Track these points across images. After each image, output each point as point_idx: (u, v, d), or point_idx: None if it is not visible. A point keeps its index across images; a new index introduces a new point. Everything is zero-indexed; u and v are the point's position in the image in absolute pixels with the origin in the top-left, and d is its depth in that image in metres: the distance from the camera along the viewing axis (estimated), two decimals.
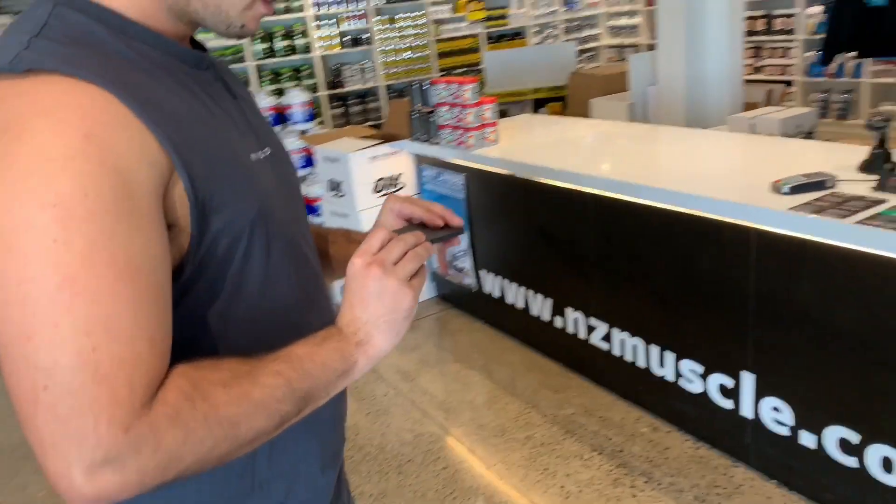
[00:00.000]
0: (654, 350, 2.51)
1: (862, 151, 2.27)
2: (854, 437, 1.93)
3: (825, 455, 2.01)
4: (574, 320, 2.85)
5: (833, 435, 1.98)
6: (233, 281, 0.74)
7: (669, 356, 2.45)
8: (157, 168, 0.64)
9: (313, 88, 6.96)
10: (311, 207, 4.14)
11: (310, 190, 4.57)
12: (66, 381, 0.57)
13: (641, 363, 2.57)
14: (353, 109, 7.36)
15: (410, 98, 3.49)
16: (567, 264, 2.84)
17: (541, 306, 3.03)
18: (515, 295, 3.17)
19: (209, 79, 0.79)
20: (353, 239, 1.00)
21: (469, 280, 3.46)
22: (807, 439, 2.06)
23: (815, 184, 2.01)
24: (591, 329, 2.77)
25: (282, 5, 6.86)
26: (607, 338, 2.71)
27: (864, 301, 1.83)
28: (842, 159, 2.23)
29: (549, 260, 2.93)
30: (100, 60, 0.65)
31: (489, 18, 7.93)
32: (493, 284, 3.32)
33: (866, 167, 2.11)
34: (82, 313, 0.58)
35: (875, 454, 1.89)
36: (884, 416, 1.85)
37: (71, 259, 0.57)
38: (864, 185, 1.99)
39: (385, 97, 7.51)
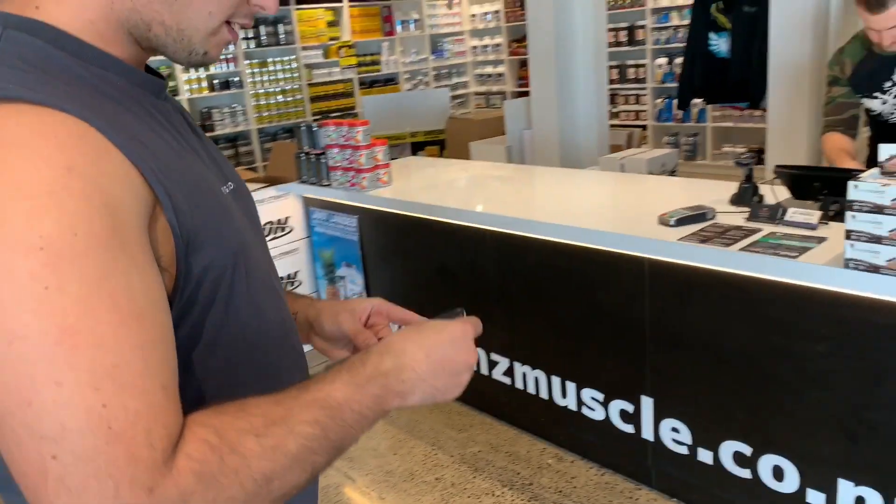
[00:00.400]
0: (556, 381, 2.58)
1: (725, 186, 2.50)
2: (747, 450, 2.07)
3: (722, 469, 2.14)
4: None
5: (728, 449, 2.12)
6: (215, 321, 0.69)
7: (571, 386, 2.53)
8: (142, 200, 0.59)
9: None
10: None
11: None
12: (76, 446, 0.50)
13: (544, 395, 2.63)
14: (224, 154, 7.11)
15: (297, 140, 3.44)
16: (467, 301, 2.87)
17: None
18: None
19: (170, 109, 0.74)
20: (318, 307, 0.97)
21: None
22: (704, 456, 2.18)
23: (697, 216, 2.18)
24: (493, 364, 2.81)
25: None
26: (509, 372, 2.75)
27: (750, 321, 1.99)
28: (711, 194, 2.44)
29: (449, 298, 2.95)
30: (65, 87, 0.59)
31: (361, 64, 8.03)
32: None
33: (737, 200, 2.32)
34: (87, 366, 0.51)
35: (767, 464, 2.04)
36: (773, 427, 2.01)
37: (67, 306, 0.51)
38: (738, 216, 2.19)
39: (257, 141, 7.35)
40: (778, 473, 2.02)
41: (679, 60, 6.94)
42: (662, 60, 7.08)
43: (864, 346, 1.78)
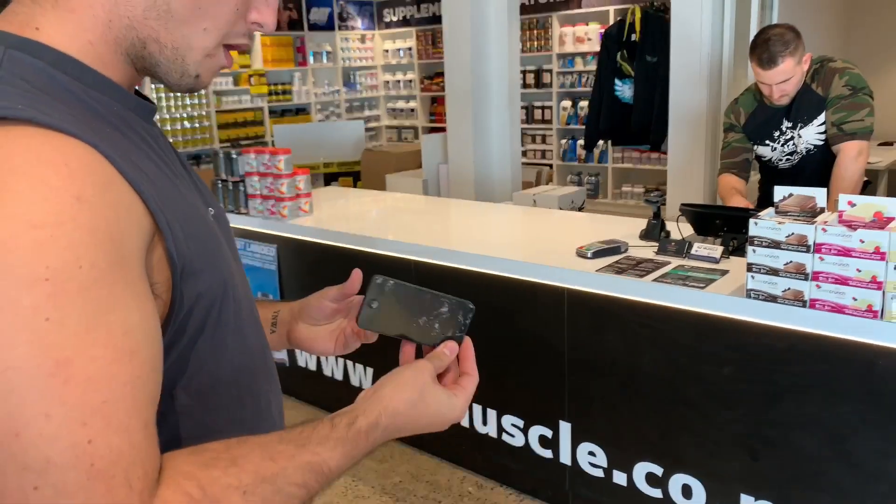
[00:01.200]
0: (477, 408, 2.64)
1: (633, 222, 2.67)
2: (658, 470, 2.19)
3: (635, 490, 2.25)
4: None
5: (641, 471, 2.23)
6: (204, 347, 0.68)
7: (492, 413, 2.60)
8: (143, 230, 0.59)
9: None
10: None
11: None
12: (58, 480, 0.50)
13: (465, 422, 2.68)
14: None
15: (214, 167, 3.38)
16: None
17: (361, 376, 3.03)
18: (333, 367, 3.14)
19: (157, 134, 0.73)
20: (297, 314, 0.96)
21: (280, 355, 3.35)
22: (619, 478, 2.29)
23: (611, 249, 2.31)
24: None
25: None
26: None
27: (661, 347, 2.12)
28: (621, 228, 2.60)
29: None
30: (69, 110, 0.58)
31: (272, 93, 7.96)
32: (306, 357, 3.26)
33: (646, 235, 2.48)
34: (77, 401, 0.51)
35: (676, 483, 2.16)
36: (682, 448, 2.14)
37: (64, 340, 0.51)
38: (648, 250, 2.34)
39: None
40: (686, 492, 2.14)
41: (582, 104, 7.33)
42: (567, 103, 7.44)
43: (764, 369, 1.94)
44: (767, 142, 2.68)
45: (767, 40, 2.39)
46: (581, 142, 7.41)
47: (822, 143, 2.58)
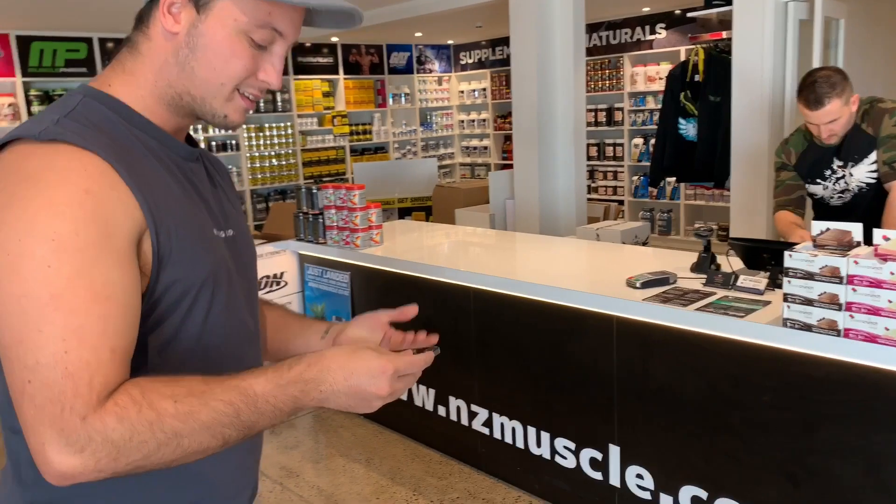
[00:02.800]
0: (532, 431, 2.77)
1: (689, 256, 2.77)
2: (703, 494, 2.27)
3: None
4: (457, 408, 3.06)
5: (687, 494, 2.31)
6: (172, 326, 0.87)
7: (545, 436, 2.72)
8: (135, 222, 0.81)
9: None
10: None
11: None
12: (43, 376, 0.72)
13: (520, 444, 2.82)
14: None
15: (297, 200, 3.69)
16: (451, 354, 3.08)
17: (424, 397, 3.22)
18: None
19: (195, 168, 0.96)
20: (331, 335, 1.14)
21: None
22: (665, 501, 2.37)
23: (660, 280, 2.43)
24: (472, 415, 3.00)
25: None
26: (488, 423, 2.94)
27: (704, 374, 2.22)
28: (676, 262, 2.70)
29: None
30: (107, 139, 0.83)
31: (353, 133, 8.40)
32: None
33: (696, 268, 2.59)
34: (61, 323, 0.73)
35: None
36: (726, 473, 2.21)
37: (59, 281, 0.74)
38: (697, 282, 2.44)
39: (250, 201, 7.61)
40: None
41: (654, 141, 7.39)
42: (639, 140, 7.52)
43: (802, 397, 2.01)
44: (819, 180, 2.75)
45: (814, 82, 2.48)
46: None
47: (874, 181, 2.63)
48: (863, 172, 2.65)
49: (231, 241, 0.98)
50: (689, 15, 4.30)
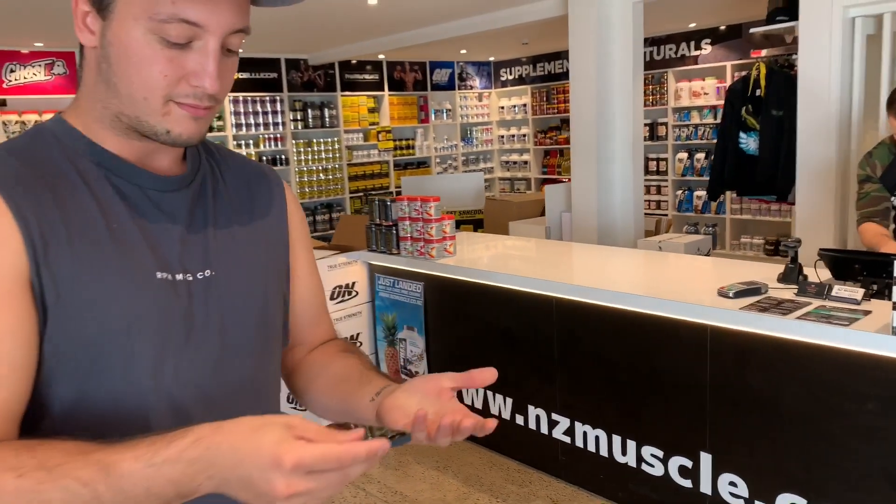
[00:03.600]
0: (617, 439, 2.80)
1: (769, 267, 2.81)
2: (802, 501, 2.29)
3: None
4: (536, 417, 3.11)
5: (784, 501, 2.33)
6: (74, 383, 0.76)
7: (631, 444, 2.76)
8: (19, 259, 0.72)
9: None
10: None
11: None
12: None
13: (604, 452, 2.85)
14: None
15: (370, 212, 3.78)
16: (530, 363, 3.13)
17: (500, 405, 3.27)
18: (473, 396, 3.39)
19: (171, 198, 0.83)
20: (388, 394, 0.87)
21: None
22: None
23: (752, 290, 2.47)
24: (553, 424, 3.04)
25: None
26: (570, 431, 2.98)
27: (804, 383, 2.25)
28: (758, 273, 2.73)
29: (511, 360, 3.21)
30: (23, 172, 0.75)
31: (397, 147, 8.53)
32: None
33: (784, 278, 2.62)
34: None
35: None
36: (825, 480, 2.23)
37: None
38: (788, 292, 2.48)
39: None
40: None
41: (699, 156, 7.43)
42: (683, 155, 7.55)
43: None
44: None
45: None
46: (697, 192, 7.49)
47: None
48: None
49: (199, 285, 0.82)
50: (752, 30, 4.35)
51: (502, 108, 9.54)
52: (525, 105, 9.20)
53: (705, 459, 2.53)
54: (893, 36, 3.73)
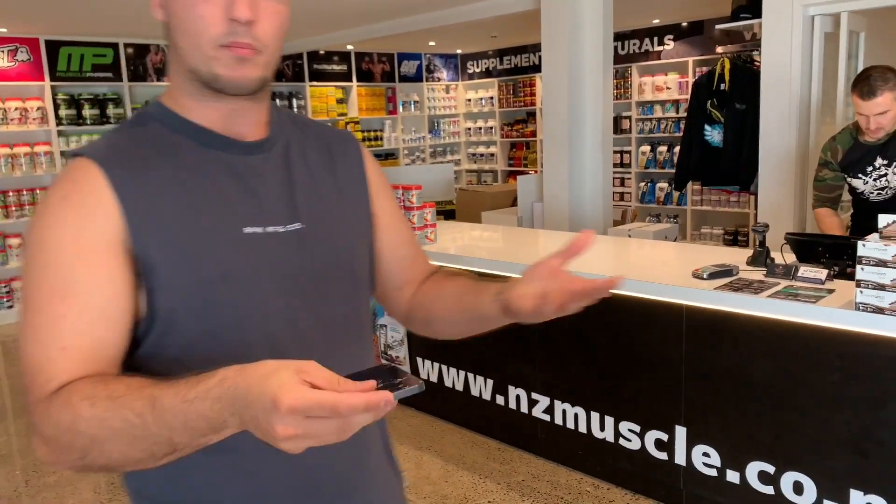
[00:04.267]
0: (595, 416, 2.93)
1: (736, 252, 2.96)
2: (771, 469, 2.44)
3: (748, 487, 2.50)
4: (516, 396, 3.22)
5: (754, 469, 2.48)
6: (172, 326, 0.84)
7: (609, 420, 2.89)
8: (115, 232, 0.82)
9: None
10: None
11: None
12: (25, 363, 0.80)
13: (583, 429, 2.98)
14: None
15: None
16: (510, 346, 3.24)
17: (481, 387, 3.37)
18: (454, 379, 3.49)
19: (253, 161, 0.91)
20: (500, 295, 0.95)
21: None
22: (732, 476, 2.54)
23: (725, 271, 2.61)
24: (533, 403, 3.15)
25: None
26: (549, 410, 3.10)
27: (773, 357, 2.40)
28: (727, 257, 2.88)
29: (491, 342, 3.31)
30: (121, 148, 0.87)
31: (365, 139, 8.55)
32: (428, 371, 3.62)
33: (753, 261, 2.77)
34: (28, 322, 0.80)
35: (788, 480, 2.40)
36: (793, 448, 2.39)
37: (29, 282, 0.81)
38: (758, 274, 2.63)
39: None
40: (798, 488, 2.39)
41: (661, 148, 7.64)
42: (646, 148, 7.76)
43: (871, 375, 2.20)
44: (860, 175, 2.97)
45: (868, 76, 2.74)
46: (660, 184, 7.71)
47: None
48: None
49: (289, 237, 0.90)
50: (718, 27, 4.52)
51: (469, 100, 9.64)
52: (492, 98, 9.31)
53: (680, 432, 2.67)
54: (849, 34, 3.94)
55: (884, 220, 2.16)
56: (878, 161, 2.93)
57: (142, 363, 0.84)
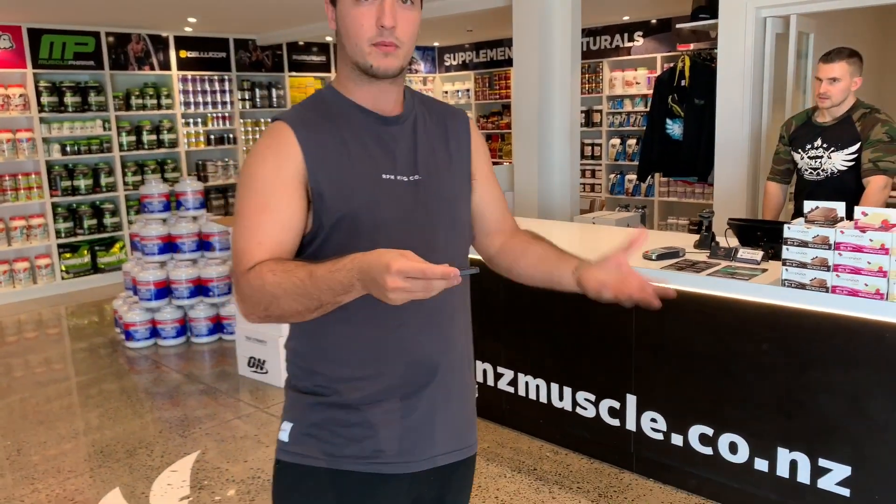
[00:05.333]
0: (555, 387, 3.17)
1: (687, 237, 3.21)
2: (709, 431, 2.70)
3: (690, 449, 2.75)
4: (483, 371, 3.45)
5: (695, 432, 2.74)
6: (333, 244, 1.20)
7: (567, 390, 3.13)
8: (299, 167, 1.18)
9: (176, 181, 7.15)
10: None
11: (220, 268, 4.83)
12: (234, 251, 1.18)
13: (543, 399, 3.22)
14: (215, 203, 7.60)
15: None
16: (478, 325, 3.45)
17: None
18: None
19: (392, 129, 1.25)
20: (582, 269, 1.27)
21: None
22: (676, 440, 2.80)
23: (672, 253, 2.86)
24: (498, 376, 3.38)
25: (153, 101, 7.10)
26: (513, 382, 3.33)
27: (712, 330, 2.65)
28: (678, 241, 3.13)
29: None
30: (308, 114, 1.22)
31: None
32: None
33: (699, 244, 3.02)
34: (240, 223, 1.17)
35: (724, 441, 2.66)
36: (729, 411, 2.65)
37: (243, 199, 1.18)
38: (702, 255, 2.88)
39: None
40: (733, 448, 2.64)
41: (630, 141, 7.91)
42: (616, 141, 8.02)
43: (795, 344, 2.45)
44: (799, 150, 3.32)
45: (836, 49, 3.16)
46: (629, 176, 7.97)
47: (845, 168, 3.16)
48: (839, 160, 3.18)
49: (412, 184, 1.24)
50: (678, 26, 4.77)
51: (446, 92, 9.82)
52: (468, 90, 9.51)
53: (631, 401, 2.92)
54: (799, 34, 4.21)
55: (808, 205, 2.41)
56: (818, 142, 3.23)
57: (307, 260, 1.18)
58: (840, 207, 2.35)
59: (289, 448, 1.27)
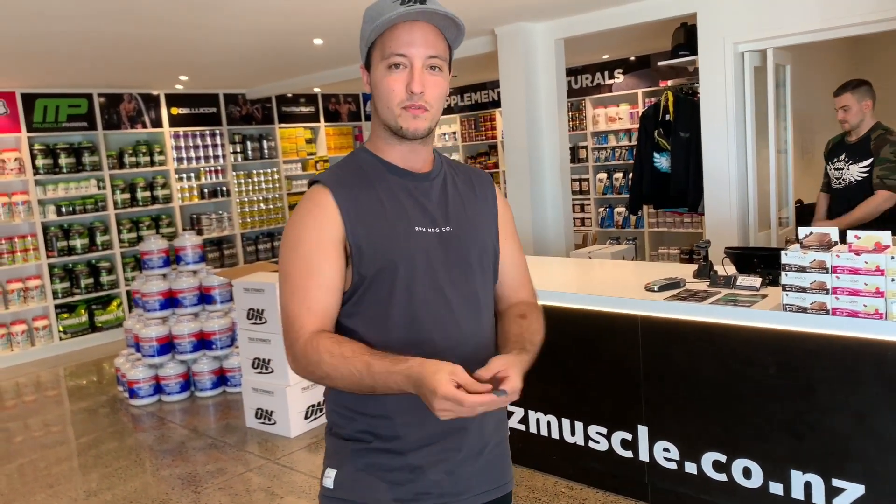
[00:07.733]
0: (566, 422, 3.20)
1: (684, 268, 3.29)
2: (723, 458, 2.74)
3: (704, 476, 2.79)
4: None
5: (708, 459, 2.77)
6: (367, 297, 1.28)
7: (579, 425, 3.16)
8: (339, 231, 1.26)
9: (172, 236, 7.20)
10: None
11: (222, 321, 4.85)
12: (284, 315, 1.26)
13: (555, 435, 3.24)
14: (210, 255, 7.63)
15: None
16: None
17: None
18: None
19: (423, 185, 1.34)
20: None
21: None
22: (690, 468, 2.83)
23: (673, 284, 2.93)
24: (509, 415, 3.41)
25: (146, 158, 7.19)
26: (524, 420, 3.36)
27: (718, 356, 2.71)
28: (676, 272, 3.21)
29: None
30: (345, 176, 1.30)
31: None
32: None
33: (698, 274, 3.10)
34: (287, 289, 1.26)
35: (738, 467, 2.70)
36: (741, 437, 2.69)
37: (288, 265, 1.26)
38: (702, 284, 2.96)
39: (240, 244, 7.91)
40: (747, 473, 2.68)
41: (617, 175, 8.06)
42: (603, 175, 8.17)
43: (800, 366, 2.51)
44: (830, 163, 3.93)
45: (844, 82, 3.77)
46: (617, 209, 8.11)
47: (860, 179, 3.71)
48: (855, 171, 3.74)
49: (443, 235, 1.32)
50: (660, 63, 4.93)
51: None
52: (455, 133, 9.68)
53: (642, 431, 2.96)
54: (776, 66, 4.37)
55: (803, 231, 2.50)
56: (843, 156, 3.79)
57: (347, 315, 1.29)
58: (833, 232, 2.44)
59: (334, 494, 1.30)
